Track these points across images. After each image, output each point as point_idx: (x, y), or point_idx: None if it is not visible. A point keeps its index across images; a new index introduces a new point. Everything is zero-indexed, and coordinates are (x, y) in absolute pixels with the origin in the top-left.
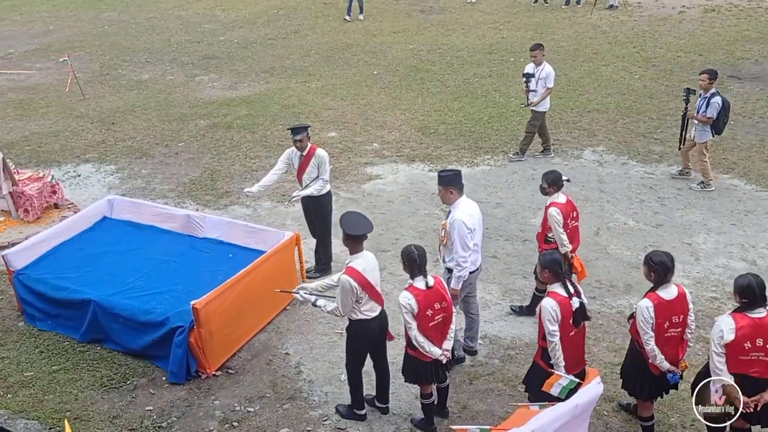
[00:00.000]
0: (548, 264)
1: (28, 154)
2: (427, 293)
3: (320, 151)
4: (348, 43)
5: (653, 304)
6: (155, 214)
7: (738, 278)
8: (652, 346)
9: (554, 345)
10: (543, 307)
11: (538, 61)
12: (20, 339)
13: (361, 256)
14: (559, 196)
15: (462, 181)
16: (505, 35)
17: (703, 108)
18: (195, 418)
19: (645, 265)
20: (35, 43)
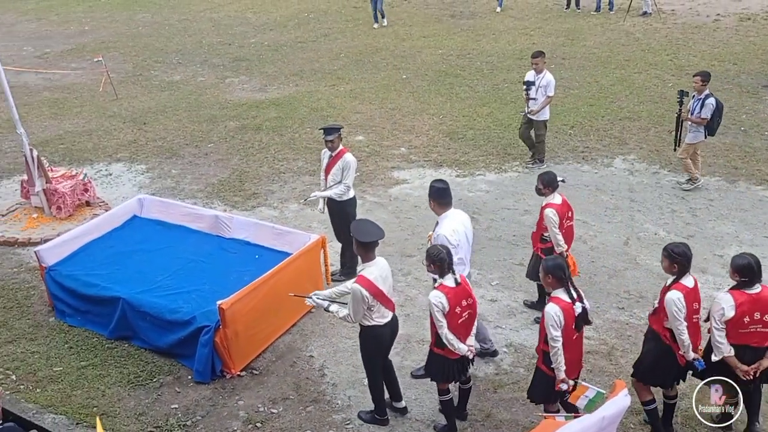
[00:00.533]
0: (552, 269)
1: (61, 153)
2: (456, 291)
3: (348, 156)
4: (377, 47)
5: (683, 294)
6: (184, 214)
7: (736, 258)
8: (686, 335)
9: (556, 350)
10: (546, 312)
11: (539, 69)
12: (50, 334)
13: (373, 264)
14: (555, 196)
15: (448, 196)
16: (535, 41)
17: (698, 109)
18: (219, 418)
19: (666, 258)
20: (71, 43)
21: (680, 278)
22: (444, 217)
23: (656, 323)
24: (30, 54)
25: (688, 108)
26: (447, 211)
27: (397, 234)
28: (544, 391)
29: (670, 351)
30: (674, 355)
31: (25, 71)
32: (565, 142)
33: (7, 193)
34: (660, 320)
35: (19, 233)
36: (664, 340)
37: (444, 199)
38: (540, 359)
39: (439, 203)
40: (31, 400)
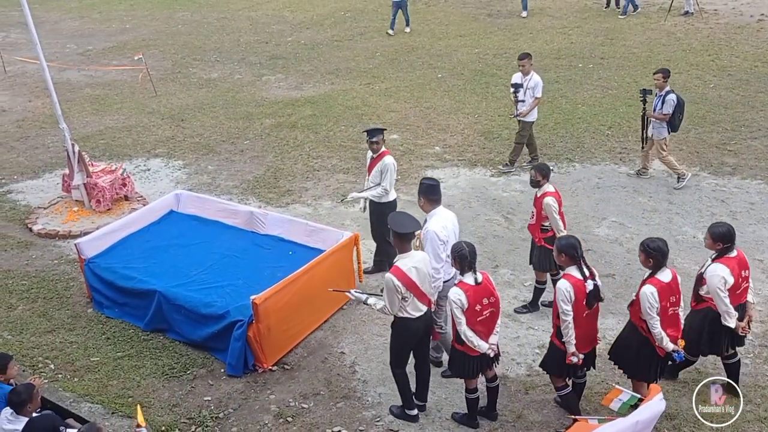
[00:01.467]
0: (565, 248)
1: (102, 148)
2: (477, 289)
3: (388, 159)
4: (413, 46)
5: (656, 289)
6: (219, 210)
7: (715, 226)
8: (658, 329)
9: (567, 323)
10: (558, 288)
11: (526, 70)
12: (88, 325)
13: (408, 256)
14: (549, 186)
15: (438, 193)
16: (574, 40)
17: (659, 106)
18: (251, 411)
19: (642, 252)
20: (112, 41)
21: (655, 273)
22: (433, 214)
23: (633, 315)
24: (73, 51)
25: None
26: (436, 208)
27: None
28: (557, 363)
29: (647, 342)
30: (653, 347)
31: (68, 68)
32: (603, 142)
33: (49, 187)
34: (637, 312)
35: (60, 226)
36: (641, 331)
37: (434, 195)
38: (553, 333)
39: (429, 200)
40: (69, 389)
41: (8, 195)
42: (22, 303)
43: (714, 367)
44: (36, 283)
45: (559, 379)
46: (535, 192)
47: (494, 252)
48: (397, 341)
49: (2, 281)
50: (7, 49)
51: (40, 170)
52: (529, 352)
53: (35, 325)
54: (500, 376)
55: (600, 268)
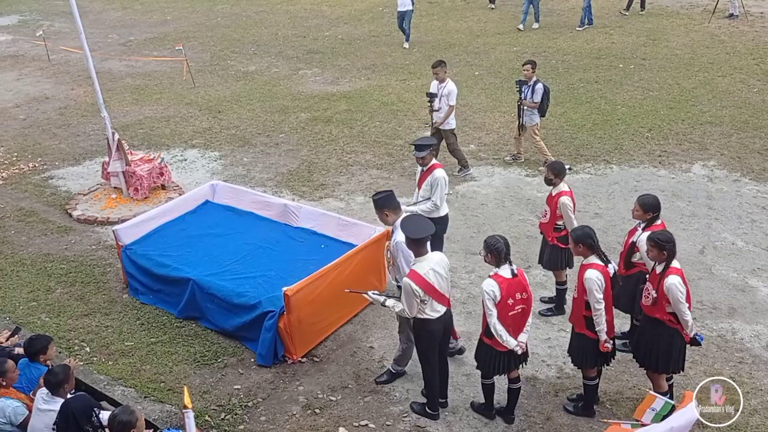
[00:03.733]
0: (582, 238)
1: (141, 137)
2: (511, 282)
3: (438, 172)
4: (451, 43)
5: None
6: (254, 201)
7: (645, 197)
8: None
9: (600, 312)
10: (589, 278)
11: (441, 78)
12: (123, 310)
13: (424, 259)
14: (563, 185)
15: (396, 202)
16: (615, 40)
17: (529, 95)
18: (279, 401)
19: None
20: (153, 32)
21: (671, 263)
22: (397, 225)
23: (658, 311)
24: (115, 41)
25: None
26: (400, 217)
27: (462, 231)
28: (591, 354)
29: (677, 333)
30: (681, 336)
31: (110, 58)
32: (642, 144)
33: (89, 174)
34: (663, 308)
35: (98, 212)
36: (669, 325)
37: (393, 204)
38: (582, 325)
39: (392, 209)
40: (103, 372)
41: (50, 181)
42: (61, 286)
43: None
44: (74, 268)
45: (593, 370)
46: (549, 190)
47: (527, 252)
48: (421, 343)
49: (42, 265)
50: (52, 38)
51: (81, 157)
52: (560, 354)
53: (72, 308)
54: (530, 377)
55: None
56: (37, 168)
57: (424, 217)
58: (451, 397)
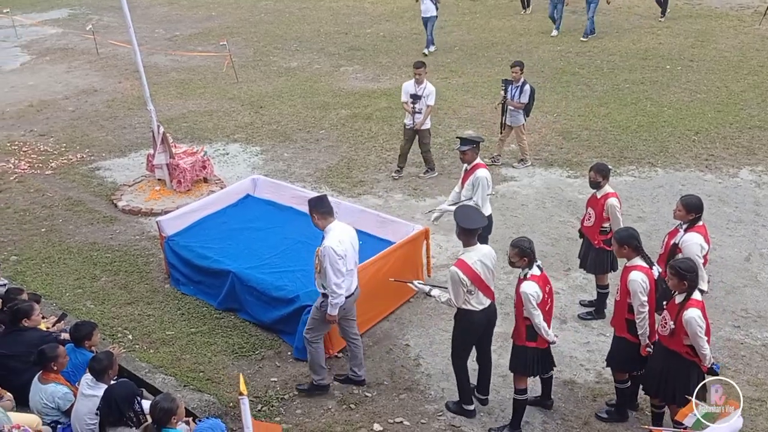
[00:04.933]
0: (626, 239)
1: (184, 130)
2: (541, 278)
3: (481, 172)
4: (493, 42)
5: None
6: (293, 196)
7: (687, 198)
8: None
9: (644, 315)
10: (633, 280)
11: (421, 79)
12: (165, 300)
13: (473, 249)
14: (608, 186)
15: (328, 205)
16: (662, 41)
17: (517, 96)
18: (315, 395)
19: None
20: (198, 27)
21: (692, 294)
22: (329, 229)
23: (675, 344)
24: (161, 36)
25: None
26: (331, 222)
27: (501, 231)
28: (630, 358)
29: (694, 365)
30: (699, 368)
31: (156, 52)
32: (688, 148)
33: (134, 165)
34: (680, 340)
35: (142, 203)
36: (686, 357)
37: (324, 208)
38: (624, 328)
39: (320, 214)
40: (145, 360)
41: (96, 171)
42: (105, 275)
43: None
44: (118, 257)
45: (623, 374)
46: (593, 193)
47: (567, 255)
48: (460, 333)
49: (88, 253)
50: (101, 31)
51: (127, 149)
52: (599, 358)
53: (116, 296)
54: (568, 381)
55: None
56: (85, 159)
57: (478, 209)
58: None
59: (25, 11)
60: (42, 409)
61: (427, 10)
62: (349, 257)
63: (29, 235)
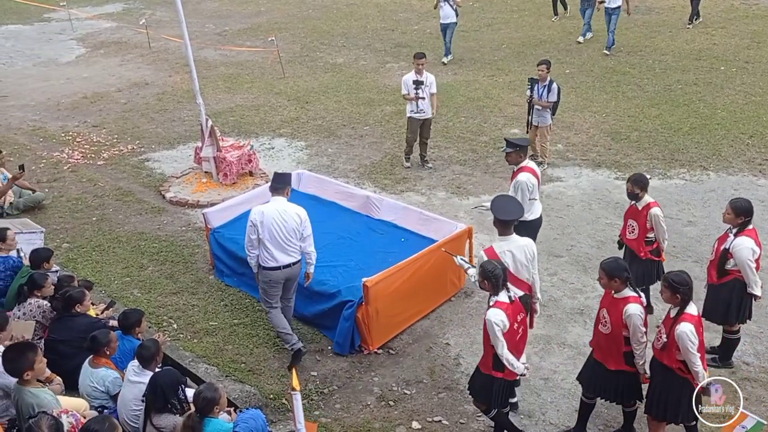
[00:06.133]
0: (617, 271)
1: (231, 124)
2: (512, 306)
3: (522, 176)
4: (542, 40)
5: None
6: (337, 192)
7: (739, 201)
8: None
9: (644, 346)
10: (633, 314)
11: (421, 70)
12: (209, 291)
13: (506, 239)
14: (647, 196)
15: (281, 181)
16: (717, 41)
17: (545, 94)
18: (354, 391)
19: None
20: (247, 22)
21: (685, 308)
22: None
23: (668, 359)
24: (211, 31)
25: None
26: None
27: (546, 233)
28: (635, 388)
29: (687, 382)
30: (692, 385)
31: (206, 47)
32: (742, 152)
33: (182, 157)
34: (672, 355)
35: (189, 195)
36: (678, 373)
37: (277, 183)
38: (621, 361)
39: (271, 188)
40: (188, 349)
41: (146, 163)
42: (152, 264)
43: None
44: (165, 247)
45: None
46: (633, 204)
47: None
48: None
49: (136, 243)
50: (153, 26)
51: (176, 141)
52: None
53: (162, 285)
54: None
55: None
56: (135, 150)
57: (516, 201)
58: (528, 400)
59: (81, 5)
60: (92, 393)
61: (447, 16)
62: (269, 230)
63: (81, 224)
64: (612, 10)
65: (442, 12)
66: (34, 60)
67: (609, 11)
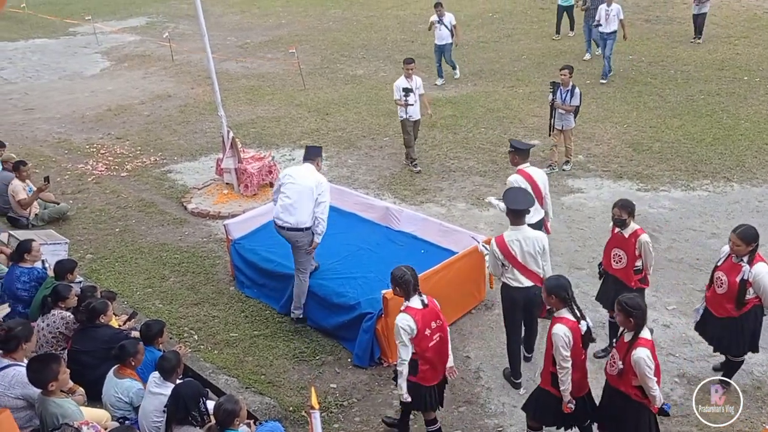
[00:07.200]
0: (555, 289)
1: (252, 136)
2: (425, 312)
3: (512, 177)
4: (561, 50)
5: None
6: (357, 203)
7: (746, 230)
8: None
9: (566, 371)
10: (555, 334)
11: (410, 74)
12: (229, 302)
13: (517, 229)
14: (633, 223)
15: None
16: (740, 51)
17: (568, 99)
18: (374, 404)
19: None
20: (268, 35)
21: (639, 333)
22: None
23: (624, 384)
24: (233, 43)
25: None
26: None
27: (567, 244)
28: (552, 413)
29: (643, 407)
30: (649, 410)
31: (227, 59)
32: (766, 163)
33: (204, 169)
34: (629, 380)
35: (210, 206)
36: (634, 399)
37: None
38: (548, 381)
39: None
40: (209, 360)
41: (168, 174)
42: (174, 275)
43: None
44: (186, 258)
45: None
46: (617, 233)
47: None
48: (504, 309)
49: (158, 253)
50: (176, 39)
51: (198, 153)
52: (668, 380)
53: (183, 296)
54: None
55: None
56: (158, 162)
57: (527, 192)
58: None
59: (106, 19)
60: (116, 403)
61: (442, 37)
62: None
63: (104, 235)
64: (607, 35)
65: (438, 33)
66: (59, 73)
67: (604, 36)
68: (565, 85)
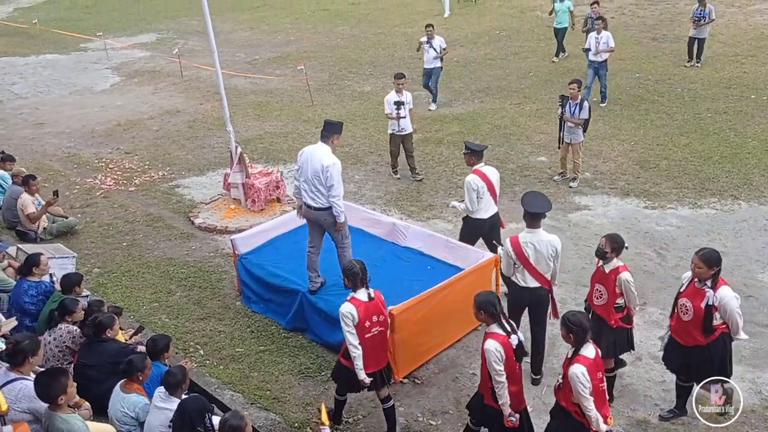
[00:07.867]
0: (483, 304)
1: (260, 151)
2: (368, 305)
3: (469, 177)
4: (569, 68)
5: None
6: (363, 218)
7: (709, 252)
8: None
9: (502, 385)
10: (487, 349)
11: (401, 89)
12: (235, 317)
13: (533, 232)
14: (616, 260)
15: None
16: (747, 69)
17: (577, 112)
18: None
19: (563, 327)
20: (277, 51)
21: (579, 349)
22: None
23: (564, 399)
24: (242, 60)
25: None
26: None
27: (573, 261)
28: (502, 427)
29: (582, 426)
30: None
31: (236, 75)
32: None
33: (211, 184)
34: (568, 396)
35: (218, 221)
36: (574, 416)
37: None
38: (488, 397)
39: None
40: (215, 376)
41: (176, 189)
42: (180, 290)
43: None
44: (193, 273)
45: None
46: (600, 266)
47: (643, 289)
48: (508, 304)
49: (165, 268)
50: (185, 55)
51: (205, 168)
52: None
53: (190, 311)
54: (641, 421)
55: (762, 318)
56: (166, 177)
57: (544, 196)
58: None
59: (116, 35)
60: (122, 418)
61: (430, 60)
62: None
63: (112, 249)
64: (599, 65)
65: (426, 56)
66: (70, 88)
67: (595, 65)
68: (574, 99)
